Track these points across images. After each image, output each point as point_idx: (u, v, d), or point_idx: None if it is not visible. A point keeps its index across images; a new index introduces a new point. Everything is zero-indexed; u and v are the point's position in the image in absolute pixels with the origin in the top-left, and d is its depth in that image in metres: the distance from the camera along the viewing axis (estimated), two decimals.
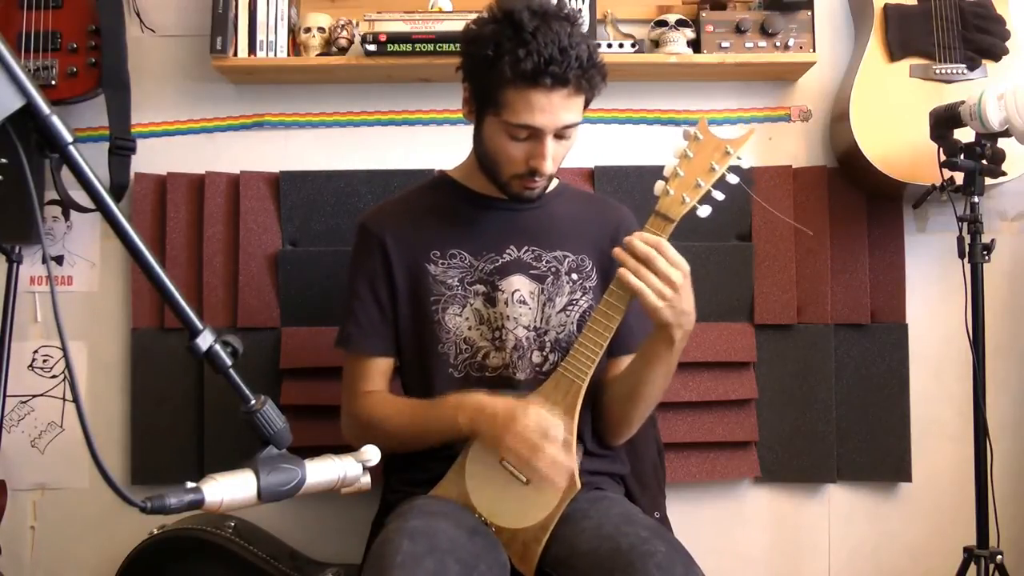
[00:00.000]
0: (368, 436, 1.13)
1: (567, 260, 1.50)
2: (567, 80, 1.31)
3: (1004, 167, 1.72)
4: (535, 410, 1.29)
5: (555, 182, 1.56)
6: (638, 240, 1.28)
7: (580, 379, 1.34)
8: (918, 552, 2.06)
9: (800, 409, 2.02)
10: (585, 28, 1.92)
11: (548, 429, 1.28)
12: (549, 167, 1.38)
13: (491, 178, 1.46)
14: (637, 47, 1.96)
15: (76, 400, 0.86)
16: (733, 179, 1.30)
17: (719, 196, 1.30)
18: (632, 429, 1.49)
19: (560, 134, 1.37)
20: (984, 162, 1.70)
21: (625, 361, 1.49)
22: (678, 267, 1.27)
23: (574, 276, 1.50)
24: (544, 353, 1.48)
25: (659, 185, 1.32)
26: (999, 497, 1.77)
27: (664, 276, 1.26)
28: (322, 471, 0.95)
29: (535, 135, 1.36)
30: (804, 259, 2.02)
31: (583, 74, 1.32)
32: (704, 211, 1.30)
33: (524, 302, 1.47)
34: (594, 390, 1.47)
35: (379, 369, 1.51)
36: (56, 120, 0.81)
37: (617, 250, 1.29)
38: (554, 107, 1.33)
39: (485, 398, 1.35)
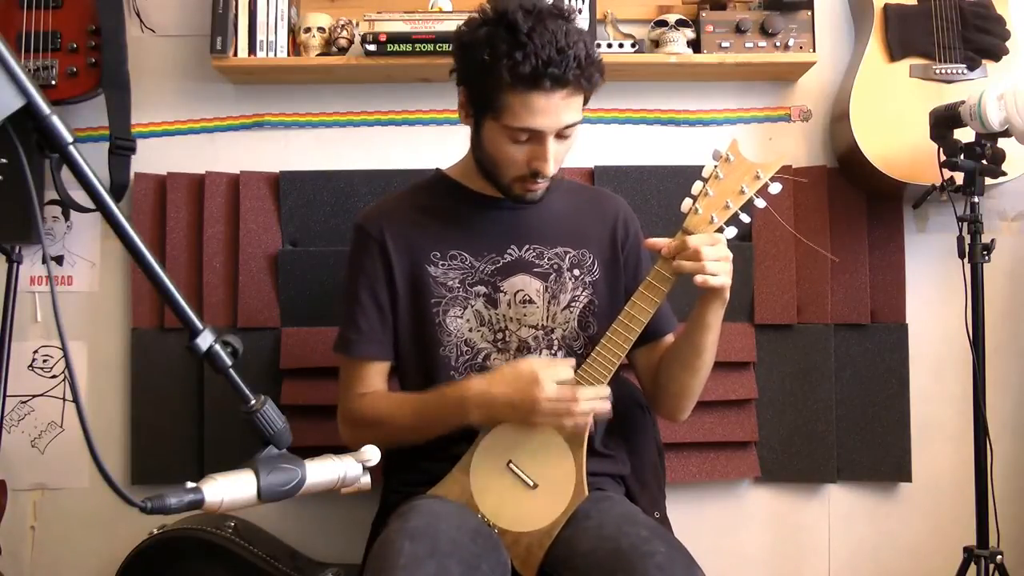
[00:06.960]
0: (367, 436, 1.13)
1: (568, 256, 1.50)
2: (567, 81, 1.30)
3: (1004, 167, 1.72)
4: (544, 375, 1.30)
5: None
6: (672, 246, 1.32)
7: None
8: (918, 552, 2.06)
9: (800, 409, 2.02)
10: (585, 25, 1.93)
11: (566, 391, 1.29)
12: (551, 168, 1.37)
13: (491, 181, 1.45)
14: (637, 47, 1.96)
15: (76, 400, 0.86)
16: (761, 203, 1.32)
17: (745, 218, 1.32)
18: (695, 399, 1.50)
19: (561, 134, 1.36)
20: (984, 162, 1.70)
21: (661, 345, 1.52)
22: (715, 241, 1.30)
23: (575, 272, 1.50)
24: (553, 351, 1.47)
25: (686, 203, 1.33)
26: (999, 497, 1.77)
27: (712, 256, 1.29)
28: (322, 471, 0.95)
29: (536, 137, 1.35)
30: (804, 259, 2.02)
31: (582, 73, 1.31)
32: (730, 232, 1.32)
33: (531, 301, 1.47)
34: (645, 379, 1.55)
35: (377, 371, 1.51)
36: (56, 120, 0.81)
37: (671, 264, 1.31)
38: (554, 108, 1.32)
39: (488, 384, 1.35)
